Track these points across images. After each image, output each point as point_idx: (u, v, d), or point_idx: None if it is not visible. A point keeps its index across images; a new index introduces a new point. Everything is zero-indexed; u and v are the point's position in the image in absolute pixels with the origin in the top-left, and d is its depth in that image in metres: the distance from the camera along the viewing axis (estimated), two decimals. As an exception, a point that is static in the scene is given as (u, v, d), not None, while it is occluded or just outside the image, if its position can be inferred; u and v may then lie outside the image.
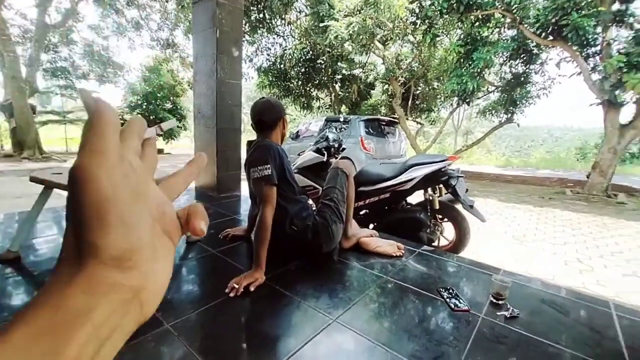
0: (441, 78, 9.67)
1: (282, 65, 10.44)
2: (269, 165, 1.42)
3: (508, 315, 1.20)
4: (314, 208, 1.75)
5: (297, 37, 9.83)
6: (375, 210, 2.71)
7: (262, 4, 7.58)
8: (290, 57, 10.22)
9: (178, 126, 14.04)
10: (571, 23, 5.38)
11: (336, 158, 2.87)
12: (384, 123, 6.71)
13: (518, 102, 7.85)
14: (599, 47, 6.19)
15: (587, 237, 3.59)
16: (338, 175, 1.74)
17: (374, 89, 11.98)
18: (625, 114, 5.97)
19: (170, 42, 12.75)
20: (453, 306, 1.24)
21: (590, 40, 5.95)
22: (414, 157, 2.64)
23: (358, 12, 5.67)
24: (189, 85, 13.67)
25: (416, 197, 2.64)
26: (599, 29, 5.78)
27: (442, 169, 2.41)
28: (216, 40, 2.65)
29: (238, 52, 2.91)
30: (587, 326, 1.17)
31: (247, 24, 8.77)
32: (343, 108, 11.51)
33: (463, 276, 1.56)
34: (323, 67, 10.07)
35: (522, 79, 7.67)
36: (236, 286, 1.28)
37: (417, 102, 10.71)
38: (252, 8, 7.81)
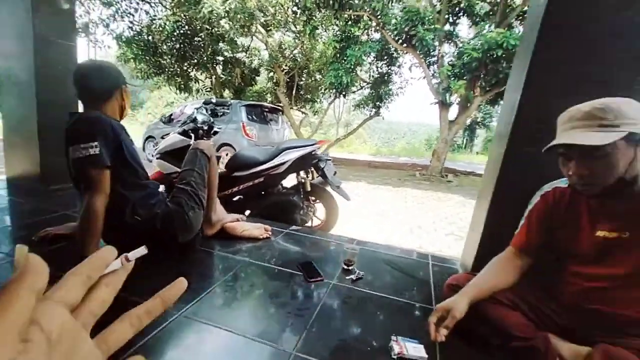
0: (322, 70, 10.26)
1: (150, 37, 8.97)
2: (95, 143, 1.14)
3: (355, 278, 1.34)
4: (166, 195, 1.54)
5: (169, 7, 8.59)
6: (251, 195, 2.64)
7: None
8: (161, 28, 8.87)
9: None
10: (418, 34, 6.51)
11: (204, 139, 2.64)
12: (267, 110, 6.66)
13: (383, 98, 9.08)
14: (436, 58, 7.73)
15: (426, 208, 4.50)
16: (197, 157, 1.58)
17: (259, 75, 11.74)
18: (452, 113, 7.72)
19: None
20: (308, 278, 1.30)
21: (431, 50, 7.36)
22: (287, 141, 2.68)
23: (235, -12, 5.36)
24: None
25: (291, 181, 2.70)
26: (436, 43, 7.20)
27: (312, 152, 2.52)
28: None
29: (69, 5, 2.27)
30: (411, 276, 1.43)
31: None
32: (226, 93, 10.86)
33: (323, 250, 1.67)
34: (202, 45, 9.18)
35: (386, 78, 8.90)
36: None
37: (301, 93, 11.09)
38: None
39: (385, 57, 8.55)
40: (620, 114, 0.74)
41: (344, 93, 8.31)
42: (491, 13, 7.69)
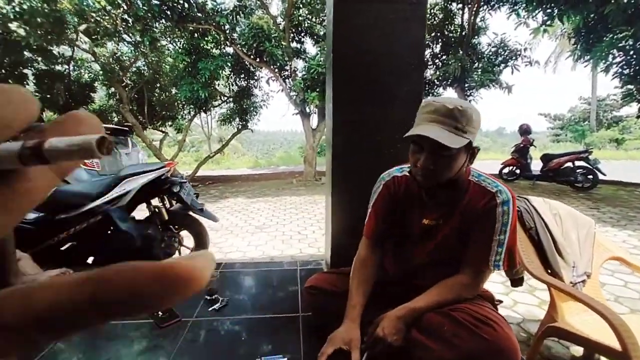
0: (177, 85, 9.42)
1: None
2: None
3: (218, 308, 1.24)
4: None
5: None
6: (88, 238, 2.12)
7: None
8: None
9: None
10: (267, 50, 6.82)
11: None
12: (108, 132, 5.58)
13: (247, 112, 9.09)
14: (289, 72, 8.29)
15: (304, 213, 4.73)
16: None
17: (94, 92, 9.77)
18: (314, 121, 8.45)
19: None
20: (160, 323, 1.12)
21: (283, 65, 7.84)
22: (127, 168, 2.29)
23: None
24: None
25: (143, 213, 2.32)
26: (286, 58, 7.72)
27: (162, 177, 2.24)
28: None
29: None
30: (278, 289, 1.44)
31: None
32: (49, 114, 8.55)
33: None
34: (-6, 55, 6.91)
35: (247, 91, 8.94)
36: None
37: (157, 109, 9.87)
38: None
39: (243, 71, 8.59)
40: (470, 121, 0.79)
41: (203, 108, 7.87)
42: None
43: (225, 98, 9.04)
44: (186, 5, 6.65)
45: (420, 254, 0.98)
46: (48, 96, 7.92)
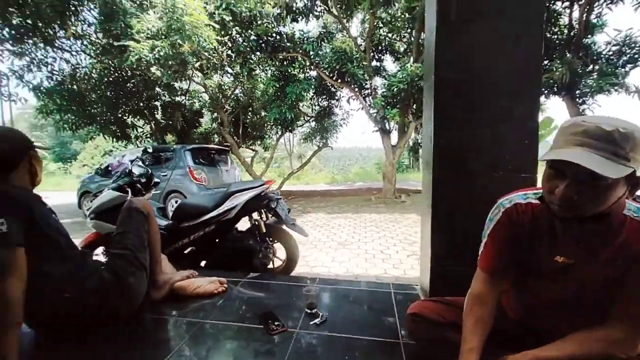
0: (266, 108, 10.48)
1: (74, 86, 8.38)
2: (2, 220, 1.00)
3: (318, 322, 1.30)
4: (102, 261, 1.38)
5: (94, 55, 8.20)
6: (203, 245, 2.49)
7: (27, 7, 5.86)
8: (86, 77, 8.38)
9: None
10: (348, 71, 7.09)
11: (143, 194, 2.48)
12: (213, 152, 6.51)
13: (328, 130, 9.50)
14: (369, 90, 8.41)
15: (385, 231, 4.63)
16: (132, 217, 1.45)
17: (202, 117, 11.55)
18: (393, 138, 8.33)
19: None
20: (271, 330, 1.23)
21: (363, 84, 8.00)
22: (233, 184, 2.61)
23: (164, 37, 5.32)
24: None
25: (245, 224, 2.61)
26: (367, 77, 7.86)
27: (262, 194, 2.49)
28: None
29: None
30: (375, 310, 1.43)
31: (8, 29, 6.56)
32: (169, 137, 10.43)
33: (284, 295, 1.61)
34: (136, 91, 8.83)
35: (328, 111, 9.38)
36: None
37: (248, 130, 11.11)
38: (11, 10, 5.90)
39: (324, 92, 9.06)
40: (636, 147, 0.65)
41: (289, 128, 8.53)
42: (408, 50, 8.73)
43: (308, 118, 9.63)
44: (278, 37, 7.44)
45: (548, 295, 0.85)
46: (170, 122, 9.70)
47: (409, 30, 8.30)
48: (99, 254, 2.31)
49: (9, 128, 1.21)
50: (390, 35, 8.73)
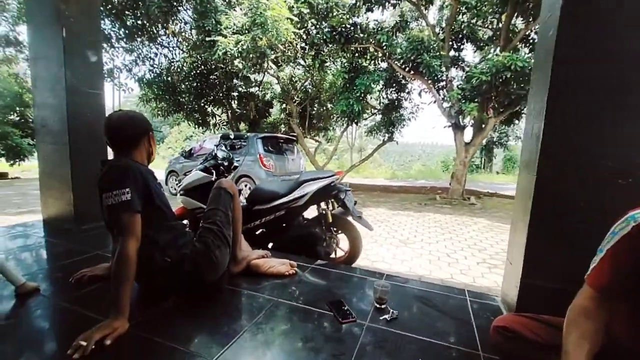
0: (333, 100, 10.55)
1: (169, 78, 9.55)
2: (127, 189, 1.18)
3: (389, 319, 1.27)
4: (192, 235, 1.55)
5: (186, 50, 9.21)
6: (272, 228, 2.63)
7: (139, 10, 6.82)
8: (179, 70, 9.47)
9: (30, 144, 11.15)
10: (424, 62, 6.67)
11: (225, 176, 2.71)
12: (282, 141, 6.82)
13: (395, 124, 9.17)
14: (444, 83, 7.84)
15: (452, 234, 4.34)
16: (221, 196, 1.60)
17: (272, 108, 12.16)
18: (467, 135, 7.67)
19: (12, 39, 10.13)
20: (341, 319, 1.25)
21: (438, 76, 7.48)
22: (305, 173, 2.70)
23: (247, 32, 5.70)
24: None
25: (312, 212, 2.68)
26: (443, 68, 7.32)
27: (332, 184, 2.52)
28: (62, 41, 2.16)
29: (96, 57, 2.44)
30: (450, 316, 1.34)
31: (123, 29, 7.74)
32: (242, 125, 11.25)
33: (352, 286, 1.61)
34: (217, 83, 9.68)
35: (396, 104, 9.03)
36: (83, 343, 0.99)
37: (314, 122, 11.36)
38: (127, 12, 6.94)
39: (394, 84, 8.73)
40: None
41: (355, 120, 8.45)
42: (494, 38, 7.84)
43: (375, 111, 9.42)
44: (352, 28, 7.36)
45: None
46: (244, 112, 10.45)
47: (497, 15, 7.45)
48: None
49: (134, 112, 1.42)
50: (473, 21, 7.96)
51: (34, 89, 2.43)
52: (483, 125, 7.08)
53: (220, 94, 10.07)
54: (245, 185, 6.12)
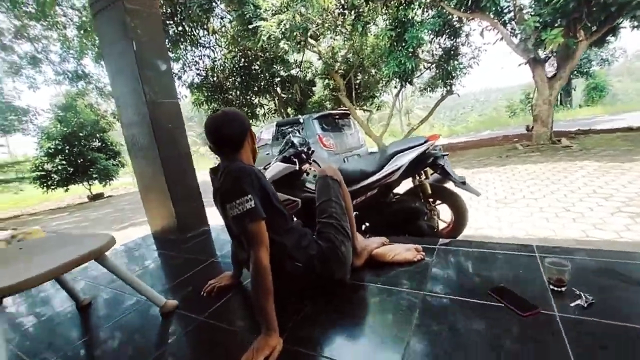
0: (377, 64, 9.82)
1: (214, 78, 9.80)
2: (249, 196, 1.07)
3: (585, 305, 1.00)
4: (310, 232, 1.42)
5: (225, 45, 9.28)
6: (365, 209, 2.46)
7: (180, 15, 6.93)
8: (222, 67, 9.63)
9: (114, 164, 12.62)
10: (487, -7, 5.69)
11: (309, 163, 2.57)
12: (337, 117, 6.55)
13: (453, 74, 8.22)
14: (512, 14, 6.67)
15: (557, 184, 3.73)
16: (329, 186, 1.43)
17: (315, 86, 11.86)
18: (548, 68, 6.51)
19: (80, 73, 11.28)
20: (520, 311, 1.01)
21: (504, 8, 6.38)
22: (392, 144, 2.42)
23: (286, 9, 5.41)
24: (114, 117, 12.32)
25: (402, 186, 2.44)
26: (510, -4, 6.21)
27: (426, 151, 2.23)
28: (134, 54, 2.15)
29: (166, 65, 2.43)
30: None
31: (167, 40, 8.03)
32: (289, 110, 11.21)
33: (502, 266, 1.35)
34: (259, 72, 9.66)
35: (452, 52, 8.04)
36: None
37: (360, 91, 10.81)
38: (168, 22, 7.12)
39: (448, 31, 7.74)
40: None
41: (409, 79, 7.77)
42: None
43: (428, 65, 8.54)
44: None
45: None
46: (290, 96, 10.35)
47: None
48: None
49: (234, 109, 1.30)
50: None
51: (118, 108, 2.52)
52: (570, 52, 5.91)
53: (264, 83, 10.07)
54: (309, 165, 6.05)
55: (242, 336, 1.15)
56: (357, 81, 10.38)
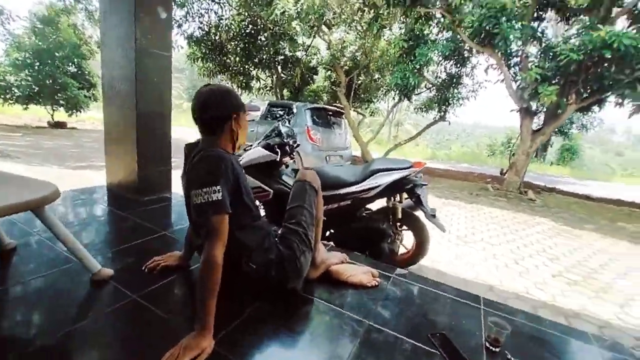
0: (381, 70, 9.80)
1: (217, 37, 9.31)
2: (218, 187, 1.00)
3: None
4: (276, 231, 1.37)
5: (235, 6, 8.81)
6: (333, 217, 2.44)
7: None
8: (227, 28, 9.16)
9: (86, 95, 11.72)
10: (500, 32, 5.80)
11: (291, 157, 2.51)
12: (330, 113, 6.48)
13: (450, 102, 8.39)
14: (519, 59, 6.88)
15: (514, 235, 3.94)
16: (306, 192, 1.39)
17: (316, 75, 11.65)
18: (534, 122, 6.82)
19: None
20: (454, 364, 1.03)
21: (513, 51, 6.56)
22: (377, 161, 2.42)
23: (305, -11, 5.23)
24: (98, 47, 11.39)
25: (376, 203, 2.44)
26: (519, 43, 6.38)
27: (408, 176, 2.24)
28: (134, -7, 1.96)
29: (166, 13, 2.23)
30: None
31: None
32: (285, 92, 10.95)
33: (448, 311, 1.38)
34: (264, 45, 9.30)
35: (455, 80, 8.19)
36: None
37: (359, 93, 10.76)
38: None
39: (456, 57, 7.85)
40: None
41: (408, 95, 7.83)
42: (591, 7, 6.60)
43: (430, 86, 8.65)
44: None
45: None
46: (289, 77, 10.08)
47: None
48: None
49: (226, 88, 1.20)
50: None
51: (103, 45, 2.30)
52: (559, 112, 6.22)
53: (266, 57, 9.72)
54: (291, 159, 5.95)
55: (173, 326, 1.09)
56: (359, 82, 10.32)
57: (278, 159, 2.41)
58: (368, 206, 2.53)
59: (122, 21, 2.09)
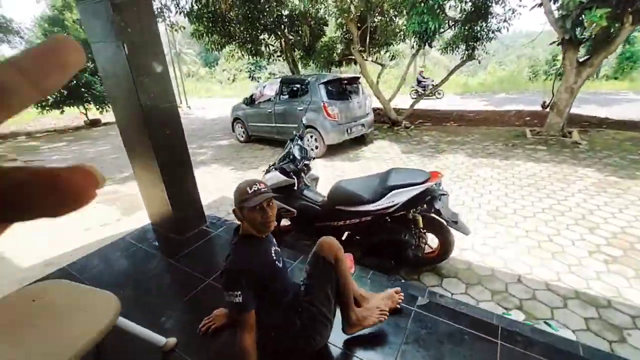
0: (397, 7, 8.76)
1: (216, 7, 8.77)
2: (238, 292, 1.20)
3: None
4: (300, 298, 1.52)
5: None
6: (358, 230, 2.56)
7: None
8: (225, -4, 8.54)
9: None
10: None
11: (309, 169, 2.68)
12: (345, 82, 6.16)
13: (479, 37, 7.46)
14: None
15: (551, 199, 3.73)
16: (318, 267, 1.48)
17: (327, 25, 10.74)
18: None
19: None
20: None
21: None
22: (393, 173, 2.39)
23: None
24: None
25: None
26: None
27: (426, 190, 2.22)
28: (126, 59, 1.93)
29: (162, 66, 2.14)
30: None
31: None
32: (296, 54, 10.37)
33: (467, 348, 1.50)
34: (267, 7, 8.64)
35: (483, 10, 7.15)
36: None
37: (375, 37, 9.86)
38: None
39: (484, -18, 6.75)
40: None
41: (429, 41, 7.07)
42: None
43: (452, 23, 7.65)
44: None
45: None
46: (298, 39, 9.44)
47: None
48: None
49: (244, 182, 1.31)
50: None
51: (114, 107, 2.37)
52: (609, 38, 5.32)
53: (271, 20, 9.08)
54: (311, 136, 5.92)
55: None
56: (374, 24, 9.36)
57: (294, 184, 2.52)
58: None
59: (122, 84, 2.07)
